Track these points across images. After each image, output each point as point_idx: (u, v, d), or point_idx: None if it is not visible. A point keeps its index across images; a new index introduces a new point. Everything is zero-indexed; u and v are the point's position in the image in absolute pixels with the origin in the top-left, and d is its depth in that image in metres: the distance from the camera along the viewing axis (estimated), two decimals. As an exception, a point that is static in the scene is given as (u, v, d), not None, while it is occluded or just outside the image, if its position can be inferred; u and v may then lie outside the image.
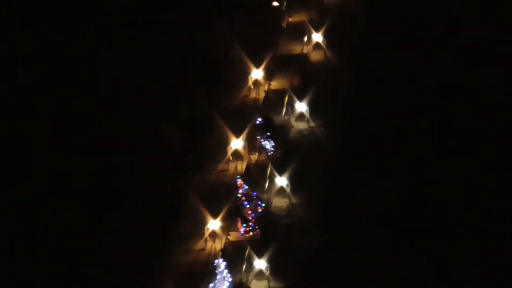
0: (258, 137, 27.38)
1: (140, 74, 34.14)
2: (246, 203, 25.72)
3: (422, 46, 35.45)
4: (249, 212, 25.59)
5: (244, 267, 24.55)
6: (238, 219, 25.16)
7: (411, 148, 30.69)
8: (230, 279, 25.15)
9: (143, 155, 29.79)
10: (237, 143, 25.86)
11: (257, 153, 26.65)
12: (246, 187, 24.92)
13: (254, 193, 25.91)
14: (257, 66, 29.18)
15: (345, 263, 27.04)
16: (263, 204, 25.83)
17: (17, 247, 28.31)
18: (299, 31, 33.29)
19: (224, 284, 25.17)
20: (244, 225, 25.35)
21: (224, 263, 25.02)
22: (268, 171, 25.79)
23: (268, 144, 27.22)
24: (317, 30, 30.96)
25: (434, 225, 28.03)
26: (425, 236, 27.67)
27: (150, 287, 25.00)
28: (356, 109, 31.99)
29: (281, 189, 26.68)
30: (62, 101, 33.79)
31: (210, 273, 25.18)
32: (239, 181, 25.54)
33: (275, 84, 28.20)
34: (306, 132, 29.47)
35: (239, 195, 25.68)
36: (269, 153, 27.02)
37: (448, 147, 31.06)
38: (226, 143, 26.60)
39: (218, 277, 25.27)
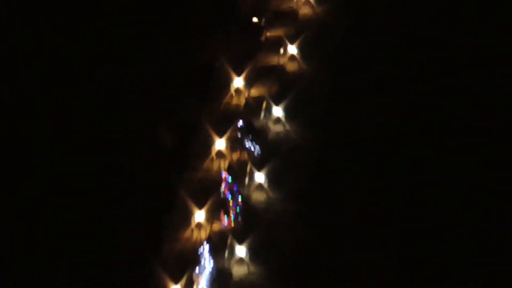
0: (240, 137, 28.82)
1: (137, 79, 34.26)
2: (228, 195, 27.04)
3: (396, 52, 35.52)
4: (231, 204, 26.80)
5: (226, 254, 25.74)
6: (221, 210, 26.09)
7: (387, 146, 31.19)
8: (213, 265, 25.81)
9: (140, 155, 30.40)
10: (220, 144, 27.57)
11: (238, 152, 28.16)
12: (230, 181, 26.42)
13: (235, 186, 27.07)
14: (238, 75, 30.78)
15: (322, 250, 27.51)
16: (241, 198, 27.17)
17: (16, 245, 28.80)
18: (277, 45, 34.48)
19: (207, 269, 25.87)
20: (226, 216, 26.37)
21: (208, 251, 27.56)
22: (248, 169, 27.25)
23: (249, 144, 28.68)
24: (292, 43, 32.10)
25: (415, 221, 28.67)
26: (404, 231, 28.27)
27: (144, 273, 25.89)
28: (330, 112, 32.36)
29: (260, 184, 27.94)
30: (61, 101, 34.11)
31: (196, 259, 25.75)
32: (224, 175, 26.34)
33: (254, 92, 29.83)
34: (282, 134, 30.64)
35: (222, 189, 26.99)
36: (256, 154, 28.34)
37: (424, 146, 31.63)
38: (210, 143, 28.14)
39: (202, 263, 26.08)
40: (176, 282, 25.33)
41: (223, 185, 27.67)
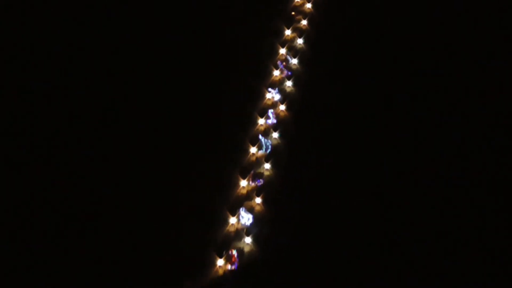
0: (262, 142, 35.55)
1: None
2: (253, 177, 34.00)
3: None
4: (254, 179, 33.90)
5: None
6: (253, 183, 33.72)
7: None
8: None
9: (210, 151, 34.90)
10: (253, 149, 35.51)
11: (259, 152, 35.46)
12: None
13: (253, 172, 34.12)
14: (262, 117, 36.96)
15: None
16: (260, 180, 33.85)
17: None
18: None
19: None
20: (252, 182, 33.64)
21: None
22: (263, 160, 34.86)
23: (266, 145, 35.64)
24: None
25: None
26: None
27: (217, 206, 32.42)
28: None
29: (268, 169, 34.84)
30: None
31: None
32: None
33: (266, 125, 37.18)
34: (277, 144, 36.21)
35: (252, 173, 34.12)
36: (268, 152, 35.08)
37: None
38: (249, 148, 35.39)
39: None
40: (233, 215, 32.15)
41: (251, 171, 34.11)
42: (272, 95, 38.01)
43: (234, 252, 30.59)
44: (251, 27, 40.58)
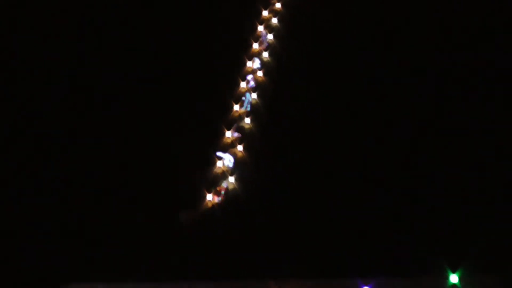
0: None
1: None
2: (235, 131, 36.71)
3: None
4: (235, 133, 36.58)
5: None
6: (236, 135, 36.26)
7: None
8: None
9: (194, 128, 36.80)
10: (236, 107, 38.76)
11: (241, 109, 38.94)
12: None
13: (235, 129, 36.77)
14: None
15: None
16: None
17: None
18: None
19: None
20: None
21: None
22: (245, 115, 38.17)
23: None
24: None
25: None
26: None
27: (206, 153, 34.63)
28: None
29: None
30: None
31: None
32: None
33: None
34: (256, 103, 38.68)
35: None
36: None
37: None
38: (233, 105, 38.25)
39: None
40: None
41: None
42: (252, 64, 41.79)
43: (224, 185, 34.90)
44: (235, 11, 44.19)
